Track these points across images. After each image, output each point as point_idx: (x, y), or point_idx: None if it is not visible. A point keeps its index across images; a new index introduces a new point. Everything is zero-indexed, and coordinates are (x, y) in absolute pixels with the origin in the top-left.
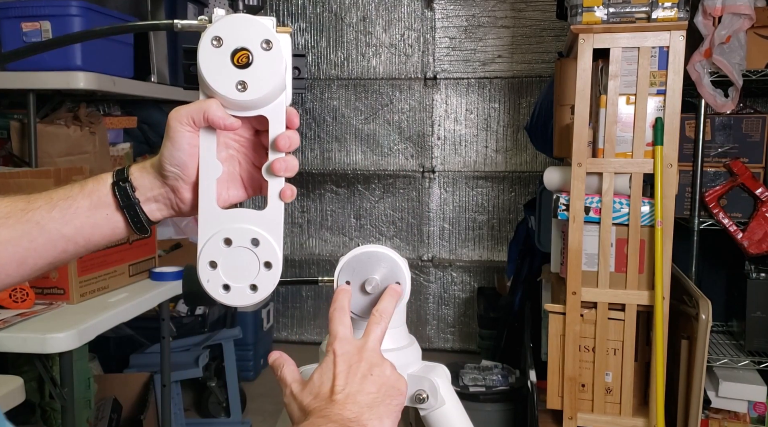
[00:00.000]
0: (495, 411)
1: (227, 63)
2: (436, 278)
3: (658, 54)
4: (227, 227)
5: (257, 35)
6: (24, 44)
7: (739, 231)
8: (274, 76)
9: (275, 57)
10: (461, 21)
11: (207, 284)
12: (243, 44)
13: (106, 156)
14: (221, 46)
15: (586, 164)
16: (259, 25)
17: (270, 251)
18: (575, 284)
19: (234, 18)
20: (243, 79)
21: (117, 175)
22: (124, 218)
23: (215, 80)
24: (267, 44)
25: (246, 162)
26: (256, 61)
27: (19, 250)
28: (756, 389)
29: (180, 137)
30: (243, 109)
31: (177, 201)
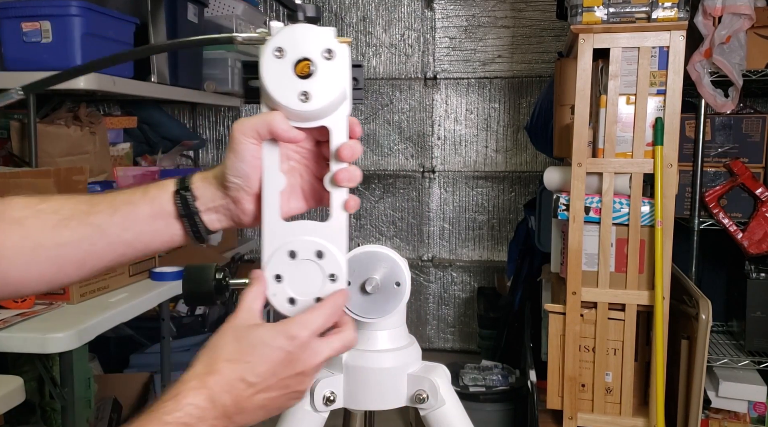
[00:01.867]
0: (495, 411)
1: (289, 73)
2: (436, 277)
3: (658, 54)
4: (291, 239)
5: (319, 45)
6: (24, 44)
7: (739, 231)
8: (336, 86)
9: (337, 66)
10: (461, 21)
11: (273, 297)
12: (305, 54)
13: (107, 156)
14: (283, 56)
15: (586, 164)
16: (321, 34)
17: (334, 264)
18: (575, 283)
19: (295, 28)
20: (305, 90)
21: (179, 183)
22: (183, 227)
23: (278, 91)
24: (329, 54)
25: (307, 174)
26: (318, 71)
27: (79, 252)
28: (756, 389)
29: (243, 149)
30: (305, 120)
31: (238, 212)
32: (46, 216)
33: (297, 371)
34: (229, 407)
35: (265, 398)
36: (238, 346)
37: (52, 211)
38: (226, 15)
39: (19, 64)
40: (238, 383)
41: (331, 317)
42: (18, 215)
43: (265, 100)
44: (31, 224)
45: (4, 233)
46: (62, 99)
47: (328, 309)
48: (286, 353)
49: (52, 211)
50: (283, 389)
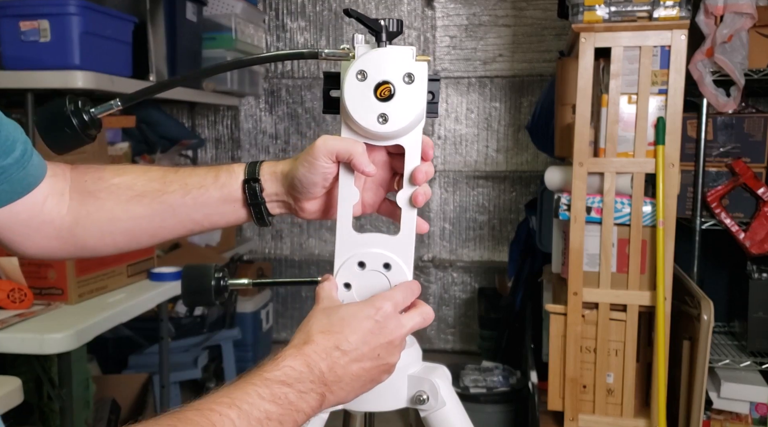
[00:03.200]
0: (496, 412)
1: (370, 96)
2: (437, 278)
3: (660, 53)
4: (362, 251)
5: (400, 69)
6: (23, 43)
7: (741, 231)
8: (414, 109)
9: (416, 90)
10: (462, 20)
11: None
12: (386, 78)
13: (105, 155)
14: (365, 79)
15: (588, 164)
16: (402, 58)
17: (400, 276)
18: (576, 284)
19: (378, 53)
20: (384, 112)
21: (249, 172)
22: (248, 213)
23: (358, 112)
24: (409, 78)
25: (372, 182)
26: (398, 94)
27: (151, 226)
28: (758, 390)
29: (319, 165)
30: (382, 140)
31: (296, 208)
32: (120, 191)
33: (386, 340)
34: (326, 374)
35: (359, 368)
36: (328, 320)
37: (127, 186)
38: (225, 14)
39: (18, 63)
40: (333, 350)
41: (409, 296)
42: (92, 188)
43: (345, 117)
44: (105, 197)
45: (80, 203)
46: None
47: (406, 289)
48: (374, 322)
49: (126, 186)
50: (376, 360)
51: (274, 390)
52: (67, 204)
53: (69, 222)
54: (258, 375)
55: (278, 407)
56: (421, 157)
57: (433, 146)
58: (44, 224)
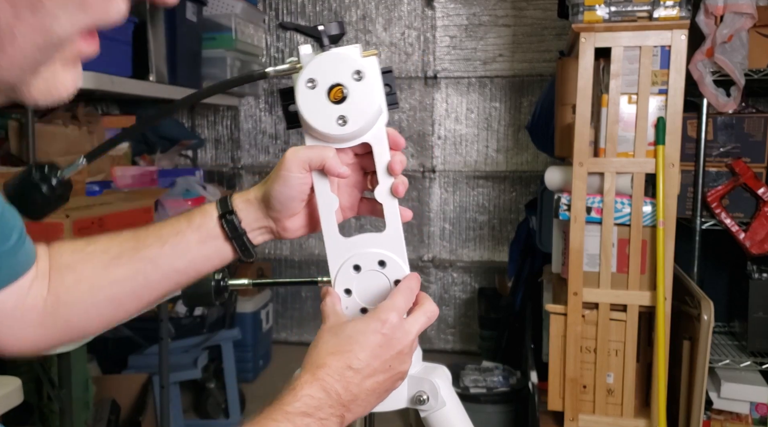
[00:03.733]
0: (496, 412)
1: (324, 101)
2: (437, 278)
3: (660, 53)
4: (354, 253)
5: (347, 68)
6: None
7: (741, 231)
8: (370, 104)
9: (368, 85)
10: (462, 20)
11: (346, 311)
12: (336, 80)
13: (105, 156)
14: (316, 86)
15: (588, 164)
16: (347, 58)
17: (397, 269)
18: (576, 284)
19: (322, 57)
20: (342, 114)
21: (222, 207)
22: (232, 248)
23: (316, 120)
24: (358, 74)
25: (346, 185)
26: (351, 94)
27: (135, 286)
28: (758, 390)
29: (293, 178)
30: (347, 141)
31: (279, 229)
32: (96, 257)
33: (396, 351)
34: (343, 395)
35: (373, 382)
36: (337, 340)
37: (102, 251)
38: (225, 14)
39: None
40: (346, 371)
41: (410, 297)
42: (68, 261)
43: (306, 128)
44: (82, 267)
45: (59, 280)
46: None
47: (406, 290)
48: (382, 335)
49: (101, 251)
50: (388, 372)
51: (297, 423)
52: (47, 285)
53: (51, 303)
54: (279, 409)
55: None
56: (391, 147)
57: (400, 135)
58: (29, 310)
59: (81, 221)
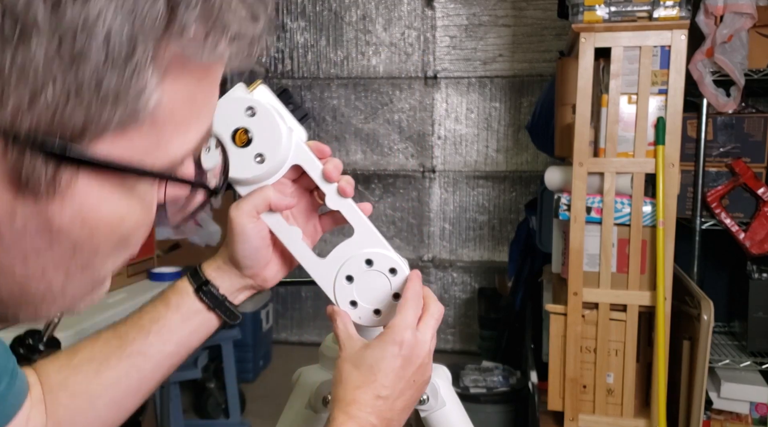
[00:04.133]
0: (496, 412)
1: (235, 150)
2: (437, 278)
3: (660, 53)
4: (339, 267)
5: (238, 110)
6: None
7: (741, 231)
8: (276, 132)
9: (265, 116)
10: (462, 20)
11: (360, 320)
12: (233, 127)
13: None
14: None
15: (588, 164)
16: (233, 101)
17: (386, 260)
18: (576, 284)
19: None
20: (256, 153)
21: (195, 280)
22: (216, 316)
23: (237, 171)
24: (251, 111)
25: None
26: (253, 131)
27: (131, 383)
28: (758, 390)
29: (249, 231)
30: (274, 174)
31: (258, 282)
32: (84, 367)
33: (417, 366)
34: (378, 425)
35: (403, 401)
36: (359, 372)
37: (88, 360)
38: None
39: None
40: (375, 401)
41: (418, 303)
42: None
43: (234, 183)
44: (74, 382)
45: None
46: None
47: (412, 300)
48: (401, 358)
49: (87, 360)
50: (413, 386)
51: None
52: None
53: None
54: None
55: None
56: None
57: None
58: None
59: None
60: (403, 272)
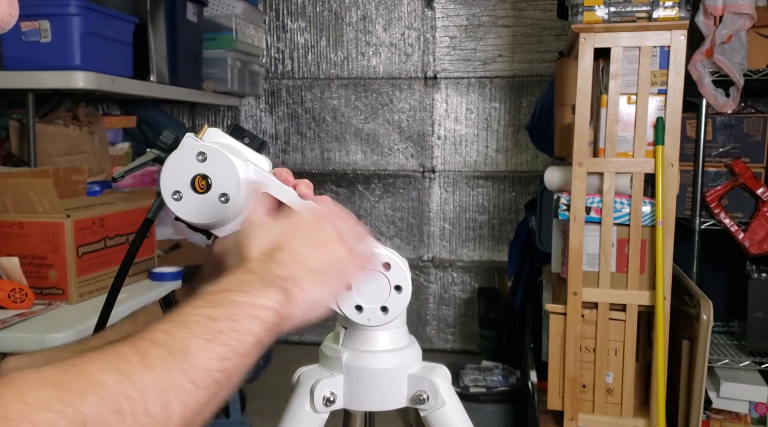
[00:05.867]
0: (495, 412)
1: (198, 199)
2: (437, 278)
3: (659, 53)
4: None
5: (189, 160)
6: (24, 44)
7: (740, 231)
8: (232, 170)
9: (216, 157)
10: (462, 20)
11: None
12: (189, 176)
13: (105, 156)
14: (181, 196)
15: (587, 164)
16: (181, 153)
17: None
18: (576, 284)
19: (165, 169)
20: (219, 193)
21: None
22: None
23: (208, 217)
24: (202, 156)
25: None
26: (210, 175)
27: None
28: (757, 390)
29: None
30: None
31: None
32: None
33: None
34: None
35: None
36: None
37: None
38: (226, 14)
39: (19, 64)
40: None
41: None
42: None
43: (209, 228)
44: None
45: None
46: (61, 99)
47: None
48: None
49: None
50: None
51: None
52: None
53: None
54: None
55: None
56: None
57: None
58: None
59: (82, 221)
60: (396, 264)
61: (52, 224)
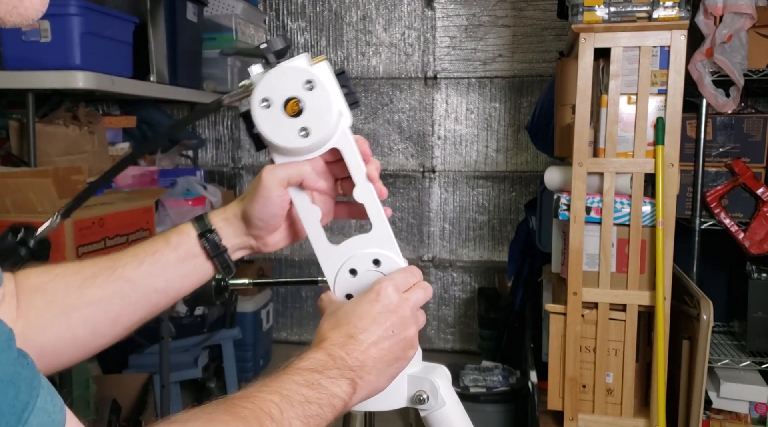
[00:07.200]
0: (495, 412)
1: (282, 117)
2: (437, 278)
3: (659, 53)
4: (347, 258)
5: (297, 80)
6: (23, 44)
7: (740, 231)
8: (328, 110)
9: (322, 92)
10: (462, 20)
11: None
12: (289, 94)
13: (105, 156)
14: (271, 104)
15: (587, 164)
16: (295, 70)
17: (392, 265)
18: (576, 284)
19: (270, 75)
20: (303, 126)
21: (200, 226)
22: (213, 266)
23: (279, 137)
24: (309, 84)
25: (318, 194)
26: (306, 104)
27: (111, 308)
28: (757, 390)
29: (274, 197)
30: (313, 151)
31: (259, 245)
32: (67, 278)
33: (396, 317)
34: (348, 361)
35: (378, 350)
36: (335, 318)
37: (73, 273)
38: (226, 14)
39: (19, 64)
40: (347, 340)
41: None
42: (36, 282)
43: (271, 148)
44: (53, 288)
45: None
46: (61, 99)
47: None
48: (379, 304)
49: (72, 273)
50: (392, 338)
51: (307, 377)
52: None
53: (21, 327)
54: (289, 367)
55: (314, 391)
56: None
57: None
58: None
59: (82, 221)
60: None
61: None
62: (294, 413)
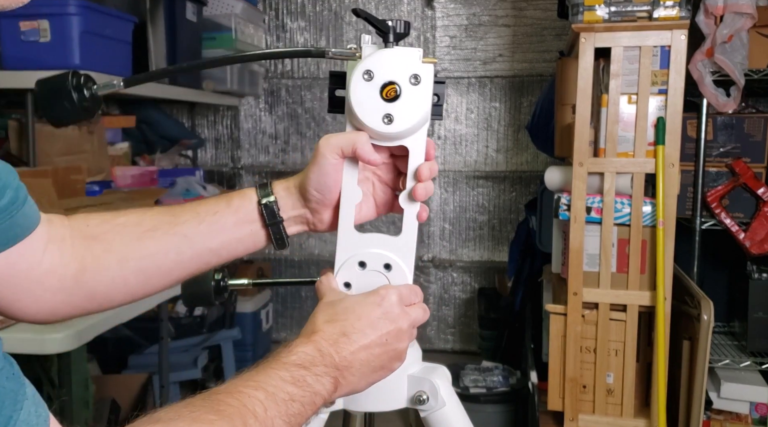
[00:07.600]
0: (496, 412)
1: (376, 96)
2: (437, 278)
3: (660, 53)
4: (363, 251)
5: (406, 70)
6: (23, 43)
7: (741, 231)
8: (419, 110)
9: (422, 91)
10: (462, 20)
11: None
12: (392, 78)
13: (105, 155)
14: (372, 79)
15: (588, 164)
16: (409, 60)
17: (401, 277)
18: (576, 284)
19: (385, 53)
20: (390, 112)
21: (262, 193)
22: (267, 234)
23: (363, 112)
24: (415, 79)
25: (380, 183)
26: (403, 95)
27: (166, 262)
28: (758, 390)
29: (327, 165)
30: (387, 140)
31: (315, 220)
32: (128, 229)
33: (393, 326)
34: (336, 359)
35: (368, 354)
36: (333, 310)
37: (134, 224)
38: (225, 14)
39: (18, 63)
40: (339, 337)
41: (411, 295)
42: (96, 231)
43: (350, 116)
44: (112, 238)
45: (85, 248)
46: None
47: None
48: (380, 309)
49: (133, 224)
50: (383, 346)
51: (293, 373)
52: (69, 251)
53: (74, 270)
54: (276, 360)
55: (299, 389)
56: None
57: (435, 147)
58: (46, 274)
59: None
60: (397, 266)
61: None
62: (277, 412)
